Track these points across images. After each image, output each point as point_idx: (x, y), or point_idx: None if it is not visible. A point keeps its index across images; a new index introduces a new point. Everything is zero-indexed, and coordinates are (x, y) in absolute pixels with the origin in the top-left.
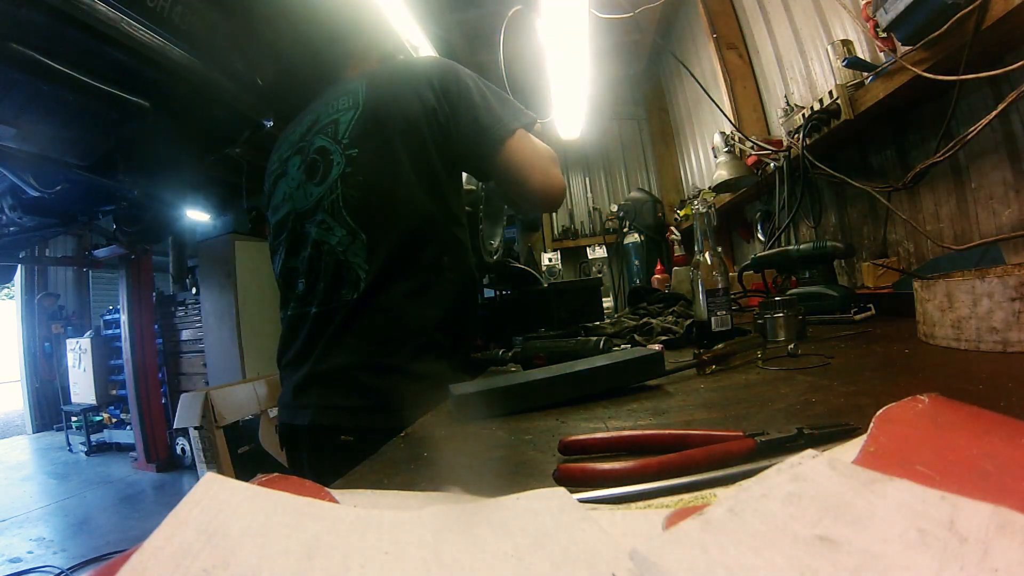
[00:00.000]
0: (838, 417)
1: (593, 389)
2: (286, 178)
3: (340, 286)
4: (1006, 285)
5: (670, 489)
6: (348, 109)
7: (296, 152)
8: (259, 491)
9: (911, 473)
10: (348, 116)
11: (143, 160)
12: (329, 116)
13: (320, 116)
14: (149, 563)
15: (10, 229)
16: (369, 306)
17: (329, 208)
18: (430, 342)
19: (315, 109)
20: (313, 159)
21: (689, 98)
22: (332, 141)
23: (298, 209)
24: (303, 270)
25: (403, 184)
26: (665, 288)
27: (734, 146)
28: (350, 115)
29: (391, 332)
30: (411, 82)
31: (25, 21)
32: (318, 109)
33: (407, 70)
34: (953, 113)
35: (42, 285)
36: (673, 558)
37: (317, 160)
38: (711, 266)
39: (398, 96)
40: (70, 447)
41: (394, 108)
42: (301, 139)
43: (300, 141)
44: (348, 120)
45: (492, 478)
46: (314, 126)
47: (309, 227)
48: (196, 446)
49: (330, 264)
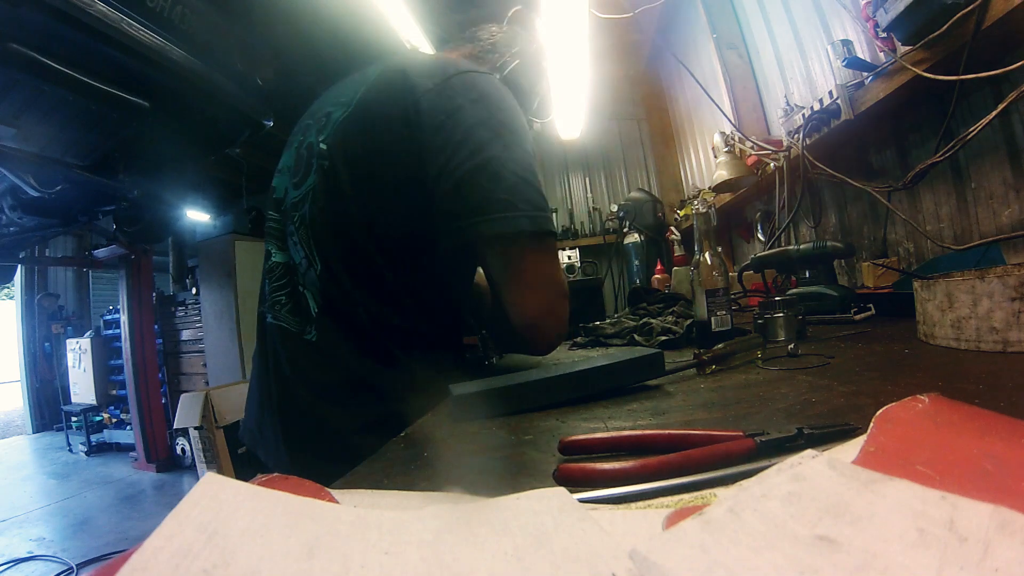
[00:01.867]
0: (838, 417)
1: (593, 389)
2: (290, 150)
3: (295, 313)
4: (1006, 285)
5: (670, 489)
6: (343, 105)
7: (303, 128)
8: (259, 491)
9: (911, 473)
10: (338, 114)
11: (143, 160)
12: (335, 102)
13: (329, 97)
14: (149, 563)
15: (10, 229)
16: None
17: (297, 222)
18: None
19: (338, 84)
20: (302, 152)
21: (689, 98)
22: (315, 139)
23: (285, 205)
24: (276, 274)
25: (364, 232)
26: (665, 288)
27: (734, 146)
28: (340, 113)
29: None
30: (402, 95)
31: (25, 21)
32: (338, 85)
33: (404, 77)
34: (953, 113)
35: (42, 285)
36: (673, 558)
37: (303, 155)
38: (711, 266)
39: (387, 108)
40: (70, 447)
41: (379, 125)
42: (312, 115)
43: (310, 117)
44: (336, 119)
45: (492, 478)
46: (323, 105)
47: (288, 229)
48: (196, 446)
49: (293, 284)
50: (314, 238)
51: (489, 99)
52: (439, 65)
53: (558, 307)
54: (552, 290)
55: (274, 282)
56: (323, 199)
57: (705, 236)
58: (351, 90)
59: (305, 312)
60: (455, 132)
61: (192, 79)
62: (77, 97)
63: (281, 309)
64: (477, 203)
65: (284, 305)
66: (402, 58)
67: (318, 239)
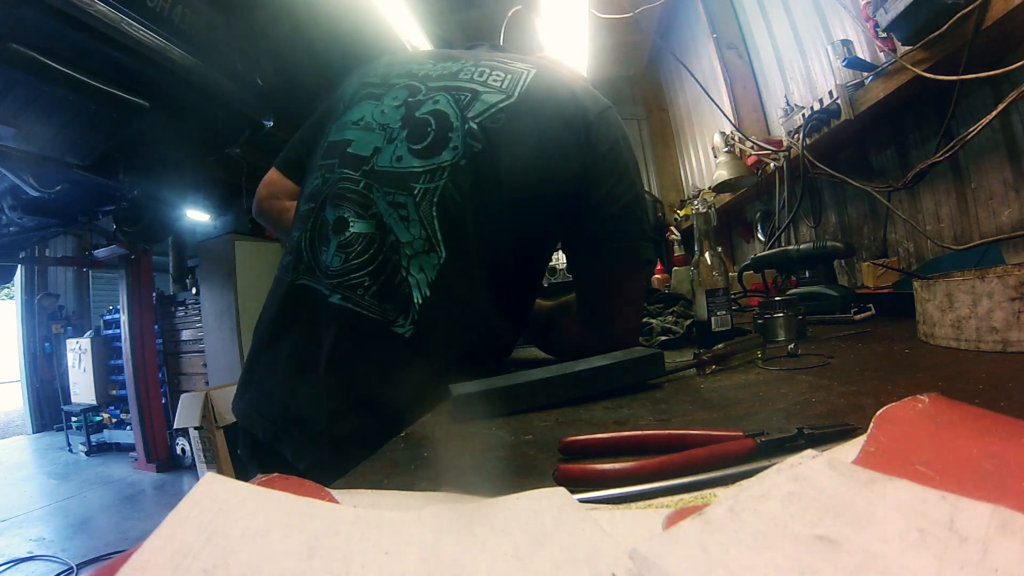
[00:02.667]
0: (838, 417)
1: (593, 389)
2: (377, 103)
3: (385, 298)
4: (1006, 285)
5: (670, 489)
6: (497, 90)
7: (407, 88)
8: (259, 491)
9: (911, 473)
10: (494, 98)
11: (143, 160)
12: (470, 79)
13: (460, 70)
14: (149, 563)
15: (10, 229)
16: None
17: (419, 196)
18: None
19: (457, 58)
20: (424, 118)
21: (689, 98)
22: (457, 113)
23: (377, 167)
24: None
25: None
26: (665, 288)
27: (734, 146)
28: (497, 99)
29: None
30: (574, 113)
31: (25, 21)
32: (463, 61)
33: (571, 94)
34: (953, 113)
35: (42, 285)
36: (673, 558)
37: (429, 122)
38: (711, 266)
39: (559, 121)
40: (70, 447)
41: (551, 126)
42: (420, 79)
43: (418, 80)
44: (491, 103)
45: (492, 478)
46: (448, 77)
47: (377, 196)
48: (196, 446)
49: (385, 264)
50: (446, 220)
51: (627, 138)
52: (591, 90)
53: (641, 319)
54: (643, 307)
55: (351, 258)
56: (469, 184)
57: (705, 236)
58: (498, 76)
59: (402, 299)
60: (618, 163)
61: (192, 79)
62: (77, 97)
63: (362, 292)
64: (638, 230)
65: (367, 288)
66: (547, 65)
67: (452, 222)
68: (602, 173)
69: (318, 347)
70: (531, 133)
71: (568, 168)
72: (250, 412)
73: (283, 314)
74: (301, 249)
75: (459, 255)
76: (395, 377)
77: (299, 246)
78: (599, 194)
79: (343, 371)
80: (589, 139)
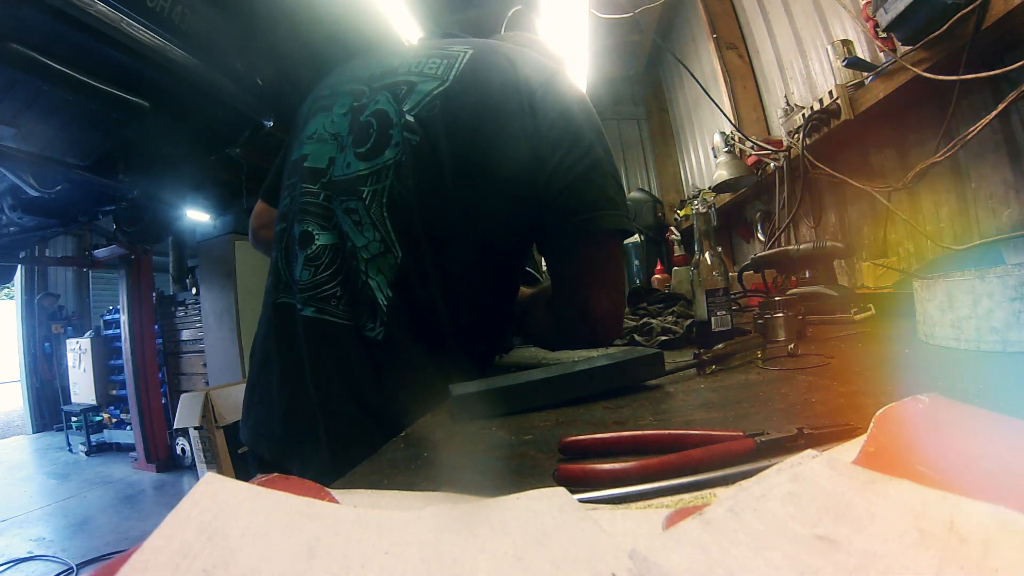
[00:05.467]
0: (838, 417)
1: (593, 389)
2: (327, 114)
3: (354, 304)
4: (1006, 285)
5: (670, 489)
6: (432, 77)
7: (351, 93)
8: (259, 491)
9: (911, 473)
10: (428, 86)
11: (143, 160)
12: (408, 71)
13: (400, 64)
14: (149, 563)
15: (10, 229)
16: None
17: (368, 199)
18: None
19: (399, 53)
20: (367, 121)
21: (689, 98)
22: (396, 108)
23: (334, 178)
24: (311, 257)
25: (461, 217)
26: (665, 288)
27: (734, 146)
28: (431, 86)
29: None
30: (515, 84)
31: (25, 21)
32: (404, 55)
33: (511, 65)
34: (953, 113)
35: (42, 285)
36: (673, 558)
37: (371, 124)
38: (711, 266)
39: (499, 95)
40: (70, 447)
41: (490, 104)
42: (365, 82)
43: (362, 84)
44: (425, 92)
45: (492, 478)
46: (388, 74)
47: (336, 206)
48: (196, 446)
49: (348, 271)
50: (397, 219)
51: (585, 101)
52: (537, 59)
53: (623, 303)
54: (623, 288)
55: (320, 271)
56: (413, 178)
57: (705, 236)
58: (434, 64)
59: (367, 304)
60: (568, 130)
61: (192, 79)
62: (77, 97)
63: (335, 303)
64: (594, 199)
65: (339, 298)
66: (490, 43)
67: (403, 220)
68: (551, 142)
69: (302, 361)
70: (470, 116)
71: (516, 147)
72: (255, 435)
73: (270, 333)
74: (279, 268)
75: (414, 253)
76: (377, 380)
77: (276, 265)
78: (550, 166)
79: (327, 381)
80: (534, 110)
